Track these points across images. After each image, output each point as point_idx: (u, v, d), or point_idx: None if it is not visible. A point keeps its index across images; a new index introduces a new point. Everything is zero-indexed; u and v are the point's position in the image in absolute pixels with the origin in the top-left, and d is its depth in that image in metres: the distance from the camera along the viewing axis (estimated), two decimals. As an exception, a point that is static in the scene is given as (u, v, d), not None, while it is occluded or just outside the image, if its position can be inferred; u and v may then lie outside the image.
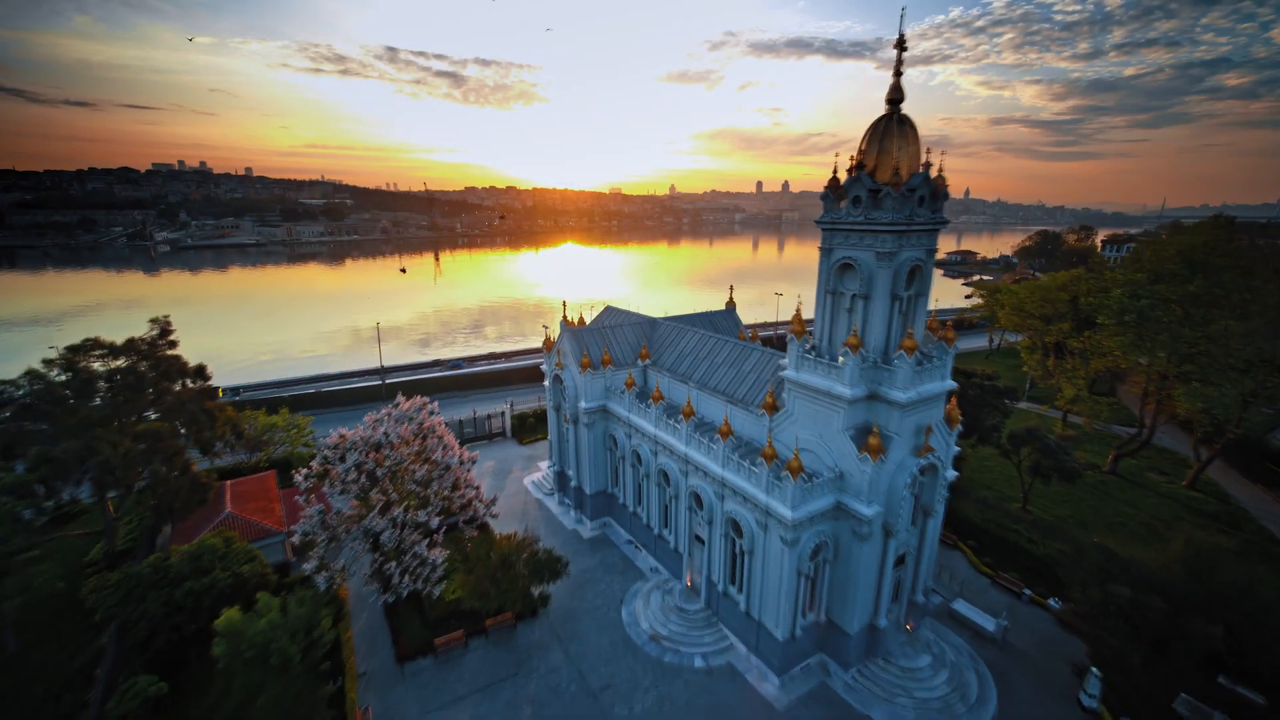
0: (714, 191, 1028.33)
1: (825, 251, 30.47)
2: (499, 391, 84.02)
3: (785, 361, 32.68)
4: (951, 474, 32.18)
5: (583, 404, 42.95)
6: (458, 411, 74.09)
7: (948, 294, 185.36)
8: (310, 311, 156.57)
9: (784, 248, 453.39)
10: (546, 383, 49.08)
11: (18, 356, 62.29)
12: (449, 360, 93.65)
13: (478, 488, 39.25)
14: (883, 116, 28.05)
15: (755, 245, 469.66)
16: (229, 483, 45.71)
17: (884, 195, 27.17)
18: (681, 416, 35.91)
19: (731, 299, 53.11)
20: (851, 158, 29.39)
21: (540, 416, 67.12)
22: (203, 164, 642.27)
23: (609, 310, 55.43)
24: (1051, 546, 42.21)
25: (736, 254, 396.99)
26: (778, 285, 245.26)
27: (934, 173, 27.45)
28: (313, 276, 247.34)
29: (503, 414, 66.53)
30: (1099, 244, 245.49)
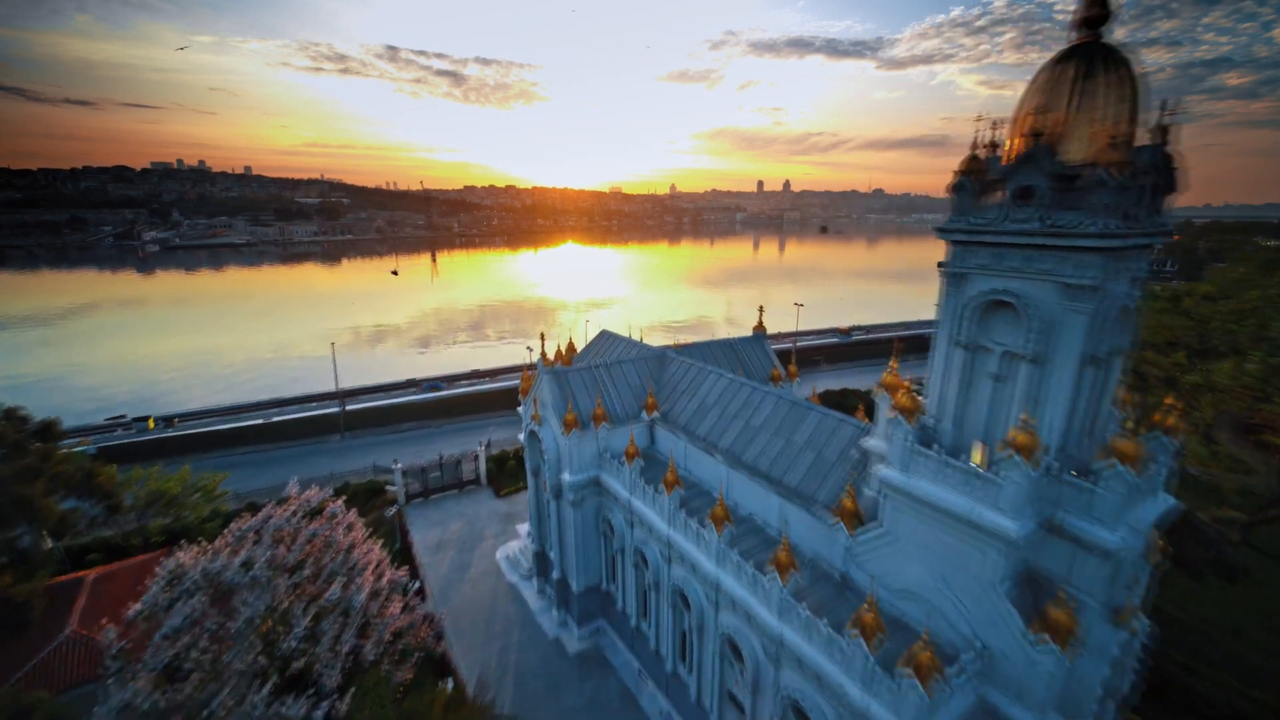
0: (715, 191, 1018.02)
1: (954, 279, 18.74)
2: (479, 420, 72.30)
3: (874, 443, 21.05)
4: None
5: (567, 476, 31.25)
6: (426, 448, 62.52)
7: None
8: (285, 318, 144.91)
9: (787, 248, 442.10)
10: (522, 436, 37.27)
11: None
12: (425, 381, 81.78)
13: (416, 612, 27.33)
14: (1073, 50, 16.24)
15: (756, 245, 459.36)
16: (93, 575, 33.97)
17: (1084, 183, 15.46)
18: (710, 523, 23.95)
19: (761, 323, 41.55)
20: (993, 126, 17.73)
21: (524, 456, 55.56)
22: (201, 163, 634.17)
23: (603, 336, 43.78)
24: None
25: (738, 254, 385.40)
26: (780, 286, 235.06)
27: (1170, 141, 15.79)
28: (299, 278, 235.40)
29: (477, 456, 54.79)
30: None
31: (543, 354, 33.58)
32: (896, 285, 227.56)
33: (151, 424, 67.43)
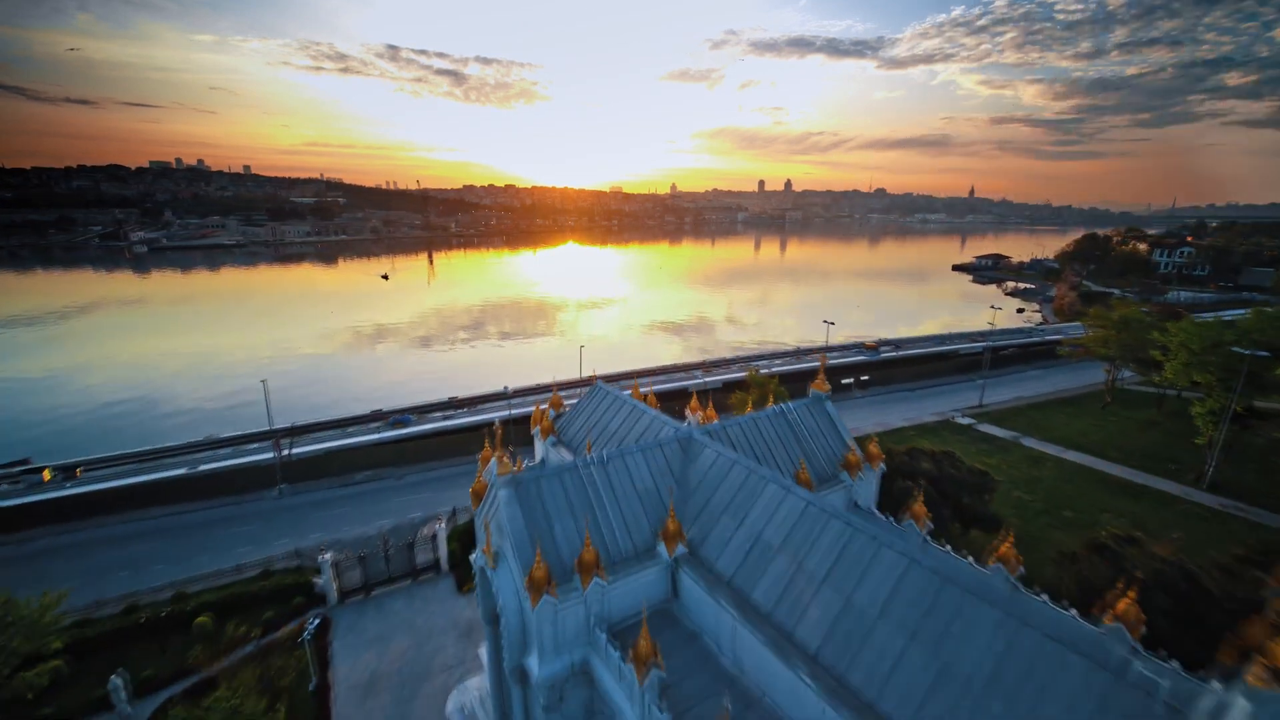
0: (715, 190, 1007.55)
1: None
2: (454, 467, 59.72)
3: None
4: None
5: (535, 666, 18.98)
6: (382, 508, 50.23)
7: (981, 303, 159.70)
8: (246, 326, 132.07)
9: (790, 249, 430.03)
10: (475, 571, 24.71)
11: None
12: (391, 413, 69.36)
13: None
14: None
15: (758, 245, 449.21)
16: None
17: None
18: None
19: (822, 377, 29.31)
20: None
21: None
22: (200, 162, 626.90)
23: (597, 393, 31.66)
24: None
25: (741, 255, 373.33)
26: (789, 288, 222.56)
27: None
28: (281, 281, 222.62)
29: (435, 535, 42.31)
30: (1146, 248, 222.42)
31: (498, 445, 21.16)
32: (908, 288, 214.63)
33: (47, 476, 55.12)
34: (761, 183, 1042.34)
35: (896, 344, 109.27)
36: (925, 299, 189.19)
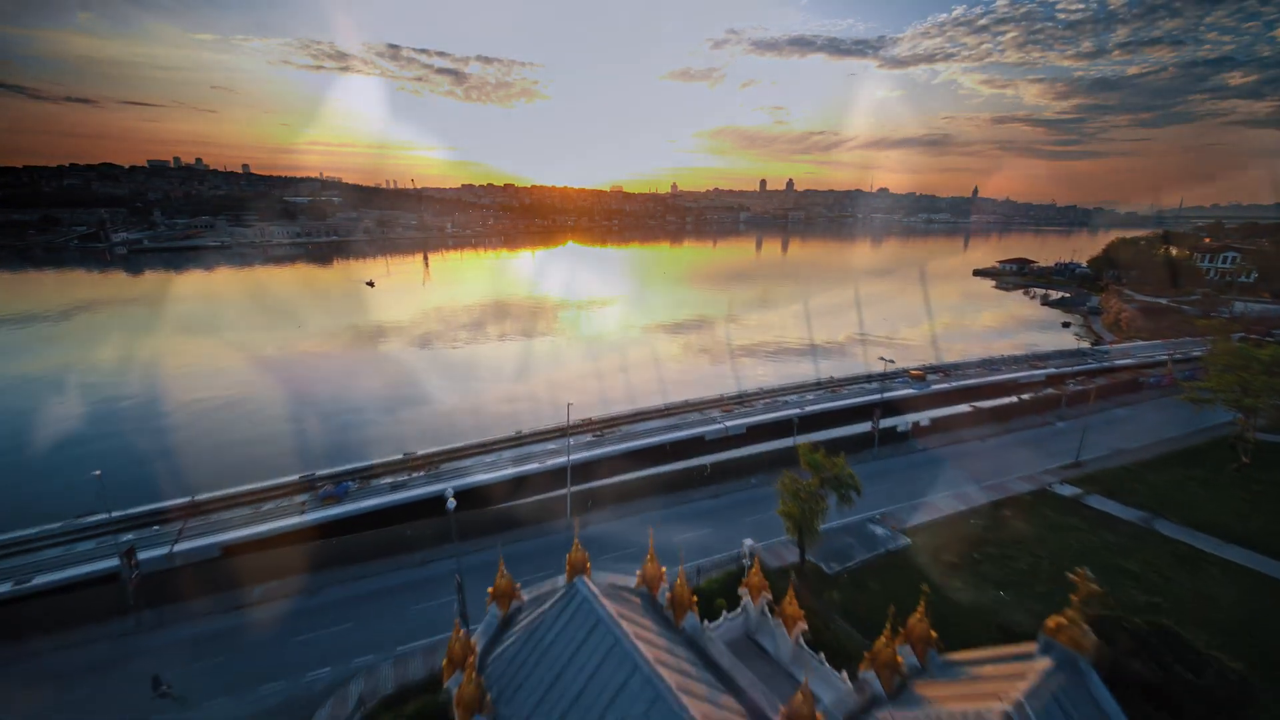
0: (717, 190, 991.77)
1: None
2: (400, 571, 43.86)
3: None
4: None
5: None
6: (269, 661, 33.95)
7: (1009, 310, 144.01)
8: (174, 346, 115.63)
9: (797, 250, 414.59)
10: None
11: None
12: (325, 480, 53.49)
13: None
14: None
15: (759, 246, 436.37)
16: None
17: None
18: None
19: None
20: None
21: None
22: (198, 160, 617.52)
23: (572, 600, 15.91)
24: None
25: (746, 256, 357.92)
26: (796, 292, 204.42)
27: None
28: (249, 286, 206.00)
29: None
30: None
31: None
32: (932, 296, 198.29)
33: None
34: (763, 182, 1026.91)
35: (944, 369, 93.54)
36: (953, 308, 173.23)
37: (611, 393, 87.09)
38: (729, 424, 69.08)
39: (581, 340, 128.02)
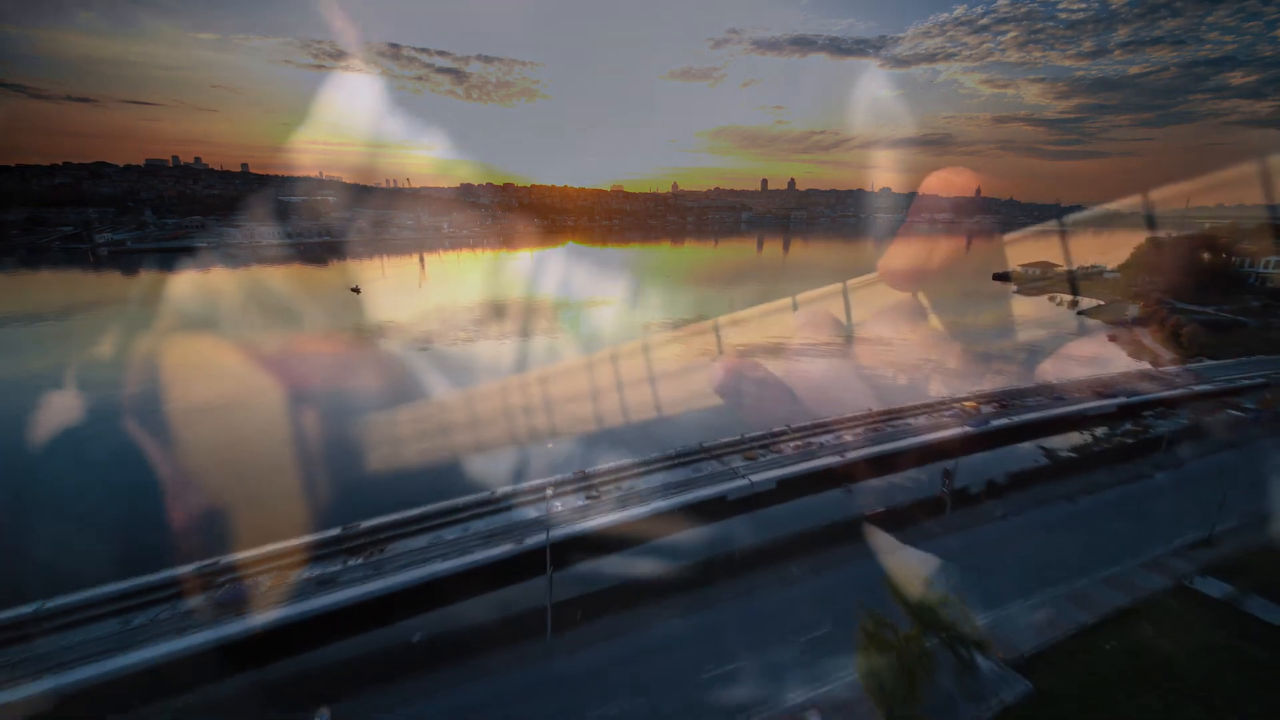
0: (718, 189, 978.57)
1: None
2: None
3: None
4: None
5: None
6: None
7: (1041, 320, 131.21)
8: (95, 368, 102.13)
9: (801, 251, 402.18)
10: None
11: None
12: (224, 573, 40.22)
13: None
14: None
15: (760, 245, 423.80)
16: None
17: None
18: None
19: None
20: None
21: None
22: (197, 159, 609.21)
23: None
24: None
25: (750, 257, 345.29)
26: (810, 296, 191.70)
27: None
28: (223, 290, 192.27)
29: None
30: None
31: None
32: (957, 305, 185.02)
33: None
34: (764, 182, 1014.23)
35: (998, 398, 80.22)
36: (977, 316, 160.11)
37: (607, 417, 74.11)
38: (754, 478, 55.87)
39: (577, 360, 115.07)
